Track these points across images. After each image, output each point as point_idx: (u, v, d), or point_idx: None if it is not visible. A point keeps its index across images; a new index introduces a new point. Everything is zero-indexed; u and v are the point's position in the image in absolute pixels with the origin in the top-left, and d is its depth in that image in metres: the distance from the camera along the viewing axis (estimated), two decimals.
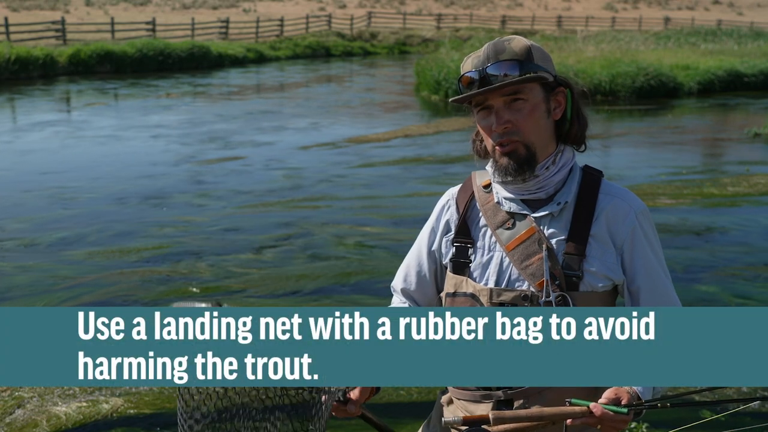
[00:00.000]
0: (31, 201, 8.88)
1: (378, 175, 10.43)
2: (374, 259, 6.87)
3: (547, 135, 1.73)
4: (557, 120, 1.75)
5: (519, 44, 1.70)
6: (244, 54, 29.63)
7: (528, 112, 1.68)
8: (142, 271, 6.54)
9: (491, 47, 1.70)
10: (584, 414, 1.56)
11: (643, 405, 1.58)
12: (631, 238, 1.73)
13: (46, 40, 27.13)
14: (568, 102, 1.74)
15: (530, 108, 1.68)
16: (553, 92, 1.73)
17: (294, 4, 51.73)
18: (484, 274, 1.76)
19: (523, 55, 1.68)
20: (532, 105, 1.68)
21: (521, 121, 1.68)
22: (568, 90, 1.74)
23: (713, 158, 12.64)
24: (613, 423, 1.56)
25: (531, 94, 1.68)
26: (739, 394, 4.15)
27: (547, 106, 1.71)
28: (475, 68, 1.70)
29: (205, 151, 12.11)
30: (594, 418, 1.55)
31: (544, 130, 1.72)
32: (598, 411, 1.55)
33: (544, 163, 1.73)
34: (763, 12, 58.24)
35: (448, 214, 1.87)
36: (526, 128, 1.69)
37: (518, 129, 1.69)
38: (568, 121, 1.75)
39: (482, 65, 1.69)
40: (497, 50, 1.69)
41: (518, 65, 1.66)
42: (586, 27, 42.62)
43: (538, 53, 1.71)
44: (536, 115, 1.69)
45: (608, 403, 1.56)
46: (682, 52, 24.40)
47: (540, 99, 1.70)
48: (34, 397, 4.34)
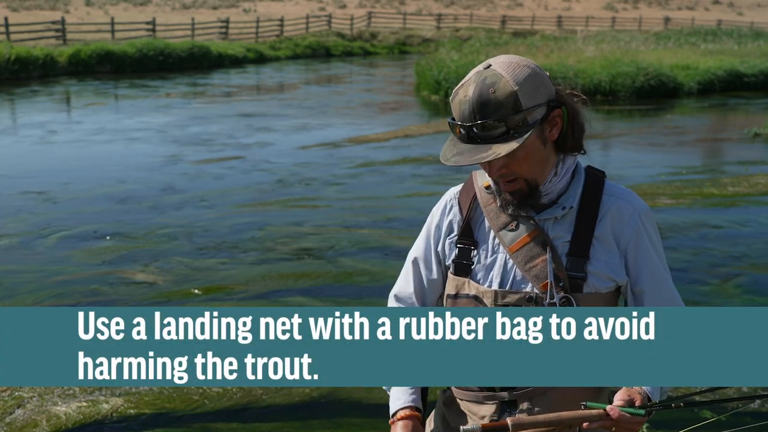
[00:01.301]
0: (29, 201, 8.87)
1: (377, 175, 10.43)
2: (374, 259, 6.87)
3: (546, 161, 1.71)
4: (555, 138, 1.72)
5: (504, 91, 1.61)
6: (244, 54, 29.63)
7: (522, 156, 1.66)
8: (142, 271, 6.54)
9: (476, 100, 1.62)
10: (601, 417, 1.57)
11: (657, 406, 1.59)
12: (636, 239, 1.73)
13: (46, 40, 27.13)
14: (564, 119, 1.70)
15: (525, 152, 1.65)
16: (548, 119, 1.67)
17: (294, 4, 51.73)
18: (488, 276, 1.76)
19: (509, 107, 1.61)
20: (525, 150, 1.65)
21: (516, 165, 1.67)
22: (563, 107, 1.70)
23: (713, 158, 12.63)
24: (629, 425, 1.57)
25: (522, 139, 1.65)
26: (740, 395, 4.15)
27: (542, 138, 1.68)
28: (461, 122, 1.64)
29: (204, 151, 12.11)
30: (611, 420, 1.56)
31: (542, 161, 1.70)
32: (615, 413, 1.55)
33: (548, 179, 1.73)
34: (763, 12, 58.23)
35: (450, 214, 1.85)
36: (523, 169, 1.68)
37: (514, 170, 1.68)
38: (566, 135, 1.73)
39: (468, 122, 1.63)
40: (482, 102, 1.61)
41: (505, 129, 1.61)
42: (586, 27, 42.62)
43: (528, 90, 1.63)
44: (531, 154, 1.67)
45: (624, 405, 1.56)
46: (682, 52, 24.40)
47: (533, 137, 1.65)
48: (34, 397, 4.34)
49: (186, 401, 4.29)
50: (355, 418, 4.17)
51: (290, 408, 4.26)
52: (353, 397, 4.36)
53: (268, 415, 4.21)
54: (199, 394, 4.33)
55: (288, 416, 4.19)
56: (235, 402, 4.29)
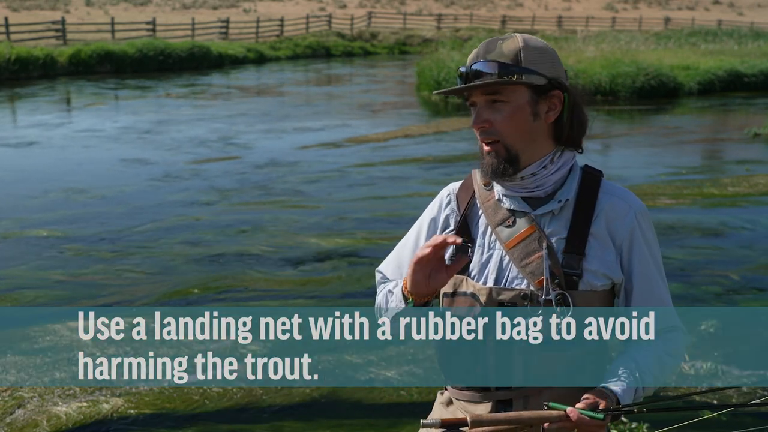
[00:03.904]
0: (29, 201, 8.87)
1: (378, 175, 10.42)
2: (374, 259, 6.87)
3: (532, 138, 1.71)
4: (554, 122, 1.73)
5: (510, 46, 1.69)
6: (245, 54, 29.63)
7: (507, 114, 1.68)
8: (141, 271, 6.54)
9: (484, 45, 1.72)
10: (561, 418, 1.57)
11: (620, 410, 1.58)
12: (630, 237, 1.73)
13: (46, 40, 27.12)
14: (564, 105, 1.72)
15: (510, 111, 1.68)
16: (546, 95, 1.70)
17: (294, 4, 51.73)
18: (483, 273, 1.76)
19: (509, 57, 1.68)
20: (512, 108, 1.68)
21: (500, 121, 1.69)
22: (565, 93, 1.72)
23: (713, 158, 12.63)
24: (589, 428, 1.56)
25: (513, 96, 1.68)
26: (739, 394, 4.15)
27: (533, 109, 1.69)
28: (466, 64, 1.72)
29: (203, 151, 12.10)
30: (570, 422, 1.56)
31: (526, 133, 1.70)
32: (575, 416, 1.55)
33: (541, 162, 1.72)
34: (763, 12, 58.23)
35: (448, 209, 1.85)
36: (504, 130, 1.69)
37: (497, 129, 1.69)
38: (564, 124, 1.74)
39: (471, 62, 1.71)
40: (487, 49, 1.71)
41: (498, 67, 1.67)
42: (586, 27, 42.61)
43: (533, 55, 1.69)
44: (517, 117, 1.68)
45: (585, 408, 1.56)
46: (682, 52, 24.40)
47: (524, 101, 1.68)
48: (34, 397, 4.34)
49: (186, 401, 4.28)
50: (355, 418, 4.17)
51: (290, 408, 4.26)
52: (353, 397, 4.36)
53: (268, 415, 4.21)
54: (199, 394, 4.33)
55: (288, 416, 4.19)
56: (235, 402, 4.29)
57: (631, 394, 1.64)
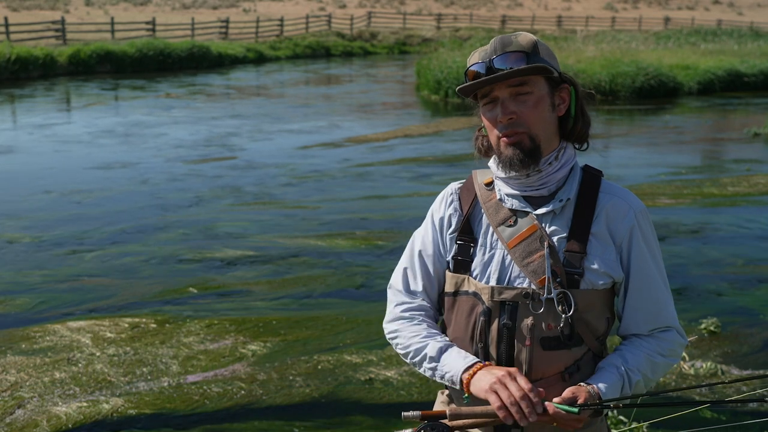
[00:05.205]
0: (30, 201, 8.87)
1: (378, 175, 10.42)
2: (374, 259, 6.87)
3: (551, 129, 1.74)
4: (561, 116, 1.76)
5: (526, 38, 1.72)
6: (244, 54, 29.64)
7: (533, 103, 1.69)
8: (141, 270, 6.54)
9: (498, 41, 1.72)
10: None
11: (597, 405, 1.58)
12: (629, 236, 1.74)
13: (46, 40, 27.13)
14: (572, 99, 1.75)
15: (535, 100, 1.69)
16: (558, 88, 1.74)
17: (294, 4, 51.73)
18: (486, 272, 1.76)
19: (529, 48, 1.70)
20: (537, 97, 1.69)
21: (526, 112, 1.69)
22: (572, 87, 1.75)
23: (713, 158, 12.63)
24: (566, 422, 1.57)
25: (536, 87, 1.70)
26: (739, 394, 4.15)
27: (551, 100, 1.73)
28: (482, 60, 1.71)
29: (203, 151, 12.10)
30: (547, 416, 1.56)
31: (548, 124, 1.73)
32: (551, 409, 1.56)
33: (547, 158, 1.73)
34: (763, 12, 58.25)
35: (450, 209, 1.85)
36: (531, 120, 1.69)
37: (523, 120, 1.69)
38: (572, 118, 1.76)
39: (489, 57, 1.70)
40: (504, 43, 1.71)
41: (525, 57, 1.68)
42: (586, 27, 42.64)
43: (544, 49, 1.73)
44: (541, 107, 1.70)
45: (562, 402, 1.57)
46: (682, 52, 24.41)
47: (545, 92, 1.71)
48: (34, 397, 4.34)
49: (186, 401, 4.28)
50: (355, 418, 4.17)
51: (290, 408, 4.25)
52: (353, 397, 4.36)
53: (268, 415, 4.20)
54: (199, 394, 4.32)
55: (288, 416, 4.19)
56: (235, 402, 4.28)
57: (616, 391, 1.65)
